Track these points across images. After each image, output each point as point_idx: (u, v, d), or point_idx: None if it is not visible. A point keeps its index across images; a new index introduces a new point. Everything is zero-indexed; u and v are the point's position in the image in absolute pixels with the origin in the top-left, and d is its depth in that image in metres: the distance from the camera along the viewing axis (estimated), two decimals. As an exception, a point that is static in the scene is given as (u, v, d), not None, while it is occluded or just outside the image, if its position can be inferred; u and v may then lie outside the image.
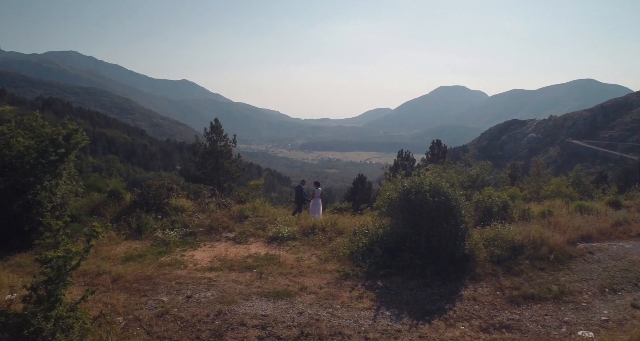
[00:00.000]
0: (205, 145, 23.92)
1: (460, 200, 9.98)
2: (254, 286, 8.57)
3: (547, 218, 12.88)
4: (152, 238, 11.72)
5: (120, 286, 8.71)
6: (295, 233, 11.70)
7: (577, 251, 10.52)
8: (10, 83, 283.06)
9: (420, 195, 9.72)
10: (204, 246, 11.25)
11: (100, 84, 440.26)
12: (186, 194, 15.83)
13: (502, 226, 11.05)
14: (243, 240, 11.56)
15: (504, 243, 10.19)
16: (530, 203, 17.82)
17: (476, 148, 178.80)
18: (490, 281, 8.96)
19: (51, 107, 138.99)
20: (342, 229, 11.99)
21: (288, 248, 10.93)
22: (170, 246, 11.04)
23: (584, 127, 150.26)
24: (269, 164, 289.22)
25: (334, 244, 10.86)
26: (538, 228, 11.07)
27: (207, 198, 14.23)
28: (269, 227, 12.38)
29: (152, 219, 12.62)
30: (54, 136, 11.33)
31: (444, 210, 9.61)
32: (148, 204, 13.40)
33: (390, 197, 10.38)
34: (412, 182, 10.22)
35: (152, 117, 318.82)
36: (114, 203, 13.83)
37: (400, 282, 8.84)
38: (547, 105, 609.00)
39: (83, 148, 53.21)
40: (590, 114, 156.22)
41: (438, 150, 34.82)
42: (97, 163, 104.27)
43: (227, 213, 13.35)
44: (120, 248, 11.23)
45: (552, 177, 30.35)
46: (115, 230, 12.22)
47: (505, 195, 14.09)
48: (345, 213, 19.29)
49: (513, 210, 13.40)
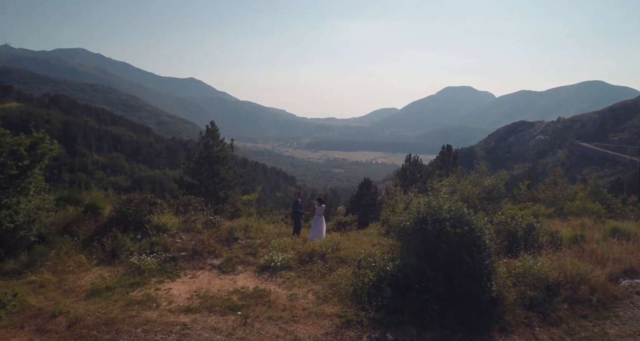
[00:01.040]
0: (200, 150, 22.31)
1: (485, 229, 8.39)
2: (236, 338, 7.04)
3: (579, 244, 11.25)
4: (127, 263, 10.22)
5: (75, 333, 7.21)
6: (290, 261, 10.14)
7: (622, 291, 8.89)
8: (19, 80, 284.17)
9: (438, 224, 8.14)
10: (184, 276, 9.72)
11: (108, 82, 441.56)
12: (174, 207, 14.35)
13: (531, 257, 9.46)
14: (230, 269, 10.01)
15: (536, 281, 8.59)
16: (553, 219, 16.17)
17: (483, 150, 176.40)
18: (524, 333, 7.36)
19: (57, 104, 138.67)
20: (344, 256, 10.41)
21: (281, 281, 9.37)
22: (145, 276, 9.53)
23: (592, 129, 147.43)
24: (275, 163, 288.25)
25: (334, 278, 9.28)
26: (574, 261, 9.45)
27: (195, 215, 12.67)
28: (260, 252, 10.82)
29: (129, 241, 11.11)
30: (14, 147, 9.87)
31: (468, 243, 8.03)
32: (127, 222, 11.88)
33: (402, 224, 8.80)
34: (428, 206, 8.64)
35: (159, 115, 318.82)
36: (90, 218, 12.34)
37: (414, 334, 7.26)
38: (555, 106, 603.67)
39: (89, 146, 51.78)
40: (599, 116, 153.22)
41: (448, 156, 33.10)
42: (102, 161, 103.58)
43: (214, 234, 11.77)
44: (89, 276, 9.74)
45: (569, 185, 28.63)
46: (86, 254, 10.74)
47: (529, 214, 12.47)
48: (349, 228, 17.74)
49: (539, 233, 11.76)
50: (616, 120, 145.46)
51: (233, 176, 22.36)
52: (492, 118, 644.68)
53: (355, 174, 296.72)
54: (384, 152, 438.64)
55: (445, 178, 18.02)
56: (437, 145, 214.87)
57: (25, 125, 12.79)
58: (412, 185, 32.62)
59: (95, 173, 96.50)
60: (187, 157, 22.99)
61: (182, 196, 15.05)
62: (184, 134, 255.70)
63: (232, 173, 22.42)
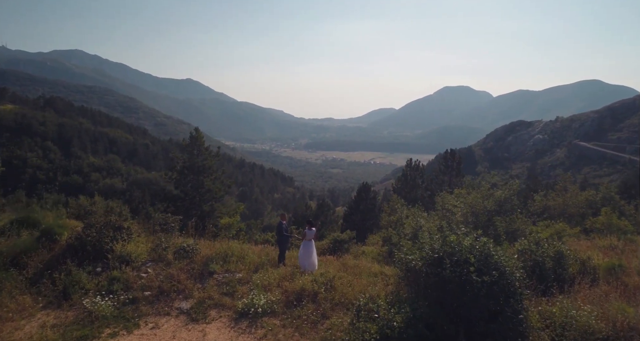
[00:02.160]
0: (184, 159, 20.48)
1: (516, 270, 6.67)
2: None
3: (617, 276, 9.53)
4: (79, 306, 8.47)
5: None
6: (274, 305, 8.38)
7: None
8: (16, 82, 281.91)
9: (458, 268, 6.42)
10: (144, 325, 7.96)
11: (105, 83, 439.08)
12: (151, 226, 12.59)
13: (568, 299, 7.73)
14: (201, 315, 8.23)
15: (579, 336, 6.86)
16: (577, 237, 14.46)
17: (482, 149, 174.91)
18: None
19: (53, 106, 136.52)
20: (341, 297, 8.63)
21: (262, 333, 7.60)
22: (96, 326, 7.78)
23: (591, 129, 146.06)
24: (273, 163, 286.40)
25: (328, 331, 7.51)
26: (621, 306, 7.71)
27: (166, 241, 10.83)
28: (240, 291, 9.03)
29: (85, 276, 9.36)
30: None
31: (496, 292, 6.31)
32: (85, 251, 10.13)
33: (410, 264, 7.07)
34: (444, 243, 6.92)
35: (156, 116, 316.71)
36: (45, 246, 10.57)
37: None
38: (553, 106, 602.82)
39: (84, 148, 49.17)
40: (597, 115, 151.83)
41: (452, 160, 31.28)
42: (97, 163, 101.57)
43: (187, 266, 9.96)
44: (30, 325, 7.99)
45: (580, 192, 26.91)
46: (33, 293, 8.99)
47: (553, 235, 10.74)
48: (348, 248, 15.98)
49: (569, 261, 10.02)
50: (615, 119, 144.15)
51: (220, 186, 20.57)
52: (489, 118, 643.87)
53: (354, 174, 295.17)
54: (382, 153, 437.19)
55: (454, 189, 16.30)
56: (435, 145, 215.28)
57: (19, 127, 11.01)
58: (413, 191, 30.90)
59: (90, 175, 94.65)
60: (169, 167, 21.09)
61: (157, 214, 13.22)
62: (182, 135, 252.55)
63: (219, 183, 20.61)
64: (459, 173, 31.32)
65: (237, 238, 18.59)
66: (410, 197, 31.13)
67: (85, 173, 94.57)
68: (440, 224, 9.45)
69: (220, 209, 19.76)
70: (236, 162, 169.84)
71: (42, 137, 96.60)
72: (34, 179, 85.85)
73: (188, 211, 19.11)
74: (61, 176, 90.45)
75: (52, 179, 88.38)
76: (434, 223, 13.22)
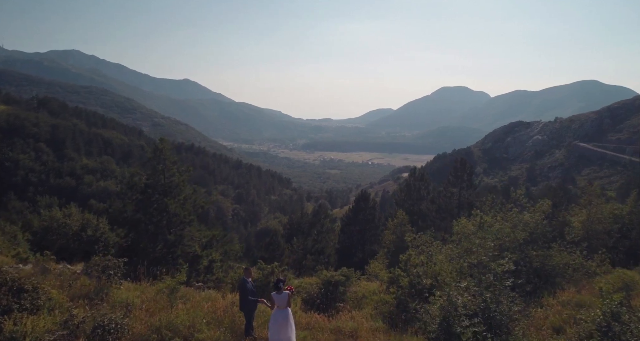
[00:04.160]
0: (147, 175, 17.62)
1: None
2: None
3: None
4: None
5: None
6: None
7: None
8: (12, 82, 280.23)
9: None
10: None
11: (102, 83, 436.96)
12: (85, 271, 10.78)
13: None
14: None
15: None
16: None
17: (480, 150, 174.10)
18: None
19: (46, 107, 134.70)
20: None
21: None
22: None
23: (590, 129, 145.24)
24: (270, 164, 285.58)
25: None
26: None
27: (85, 311, 8.42)
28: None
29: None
30: None
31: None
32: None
33: None
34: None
35: (153, 117, 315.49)
36: None
37: None
38: (551, 106, 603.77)
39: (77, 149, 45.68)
40: (597, 116, 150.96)
41: (462, 171, 29.60)
42: (91, 165, 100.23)
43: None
44: None
45: (606, 205, 24.77)
46: None
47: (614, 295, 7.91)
48: (344, 291, 13.82)
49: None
50: (614, 120, 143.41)
51: (190, 209, 17.43)
52: (487, 118, 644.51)
53: (352, 175, 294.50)
54: (380, 153, 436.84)
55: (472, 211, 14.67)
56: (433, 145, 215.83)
57: (12, 128, 9.21)
58: (418, 203, 29.36)
59: (84, 177, 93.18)
60: (128, 186, 17.69)
61: (96, 257, 11.39)
62: (179, 136, 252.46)
63: (190, 205, 17.49)
64: (470, 184, 29.78)
65: (210, 272, 16.52)
66: (414, 210, 29.54)
67: (79, 175, 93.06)
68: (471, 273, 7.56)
69: (191, 235, 17.30)
70: (233, 163, 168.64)
71: (34, 138, 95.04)
72: (25, 182, 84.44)
73: (155, 237, 16.85)
74: (54, 178, 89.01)
75: (45, 181, 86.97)
76: (456, 265, 11.36)
